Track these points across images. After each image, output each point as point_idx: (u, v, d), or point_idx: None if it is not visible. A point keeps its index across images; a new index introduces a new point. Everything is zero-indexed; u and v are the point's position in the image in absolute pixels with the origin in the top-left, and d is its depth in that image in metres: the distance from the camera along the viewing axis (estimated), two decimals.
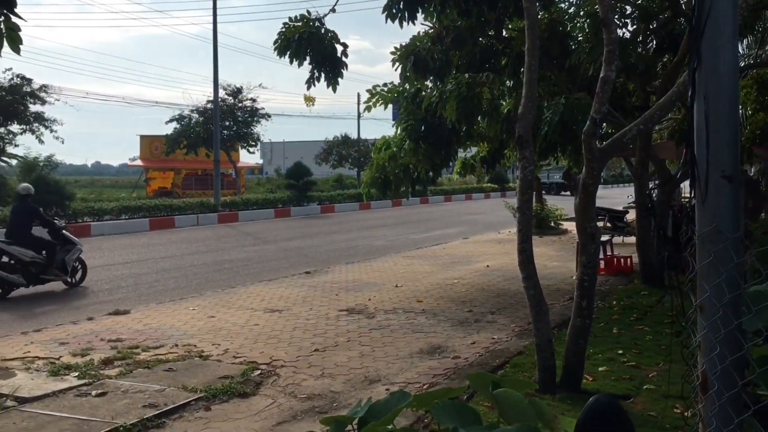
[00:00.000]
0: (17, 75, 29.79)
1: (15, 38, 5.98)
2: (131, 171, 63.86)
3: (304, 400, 5.65)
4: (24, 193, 11.80)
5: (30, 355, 6.97)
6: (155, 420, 5.08)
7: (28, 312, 9.84)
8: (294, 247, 18.16)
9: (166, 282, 12.55)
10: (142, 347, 7.26)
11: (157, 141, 43.90)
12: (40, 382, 5.97)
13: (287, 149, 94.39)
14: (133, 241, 19.78)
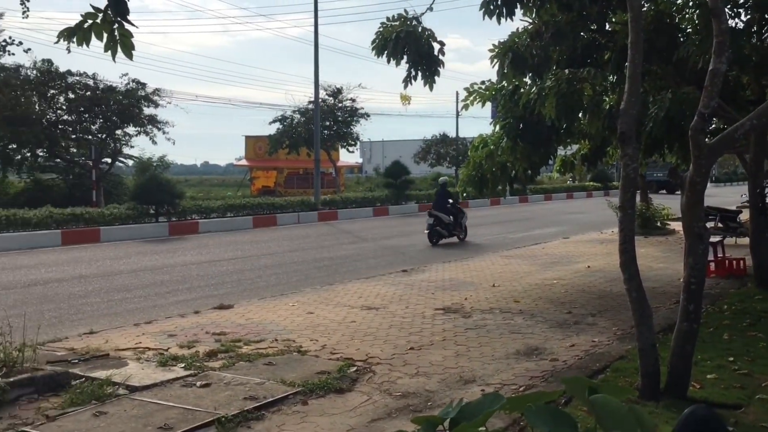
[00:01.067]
0: (133, 80, 31.45)
1: (128, 44, 6.29)
2: (237, 170, 66.08)
3: (398, 398, 5.68)
4: (442, 182, 19.86)
5: (141, 345, 7.33)
6: (255, 412, 5.23)
7: (141, 305, 10.37)
8: (391, 246, 18.28)
9: (268, 278, 12.91)
10: (244, 341, 7.50)
11: (261, 141, 45.23)
12: (149, 372, 6.27)
13: (386, 148, 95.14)
14: (238, 238, 20.48)
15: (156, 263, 14.99)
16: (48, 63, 30.40)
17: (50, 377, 5.78)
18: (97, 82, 30.96)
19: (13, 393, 5.45)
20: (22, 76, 30.54)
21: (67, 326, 8.81)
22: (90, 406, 5.35)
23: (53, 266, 14.39)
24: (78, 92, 30.79)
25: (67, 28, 5.97)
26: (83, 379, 5.97)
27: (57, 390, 5.70)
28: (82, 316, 9.62)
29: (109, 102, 30.48)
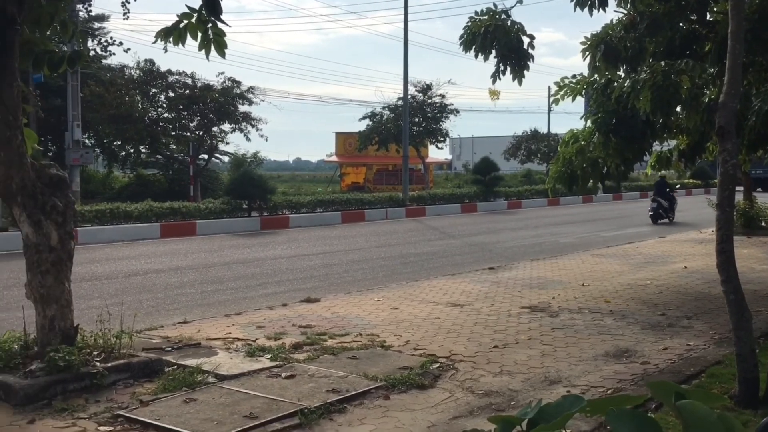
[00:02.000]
0: (228, 78, 32.43)
1: (221, 43, 6.47)
2: (327, 166, 67.08)
3: (481, 396, 5.61)
4: (661, 175, 22.24)
5: (231, 336, 7.55)
6: (337, 405, 5.29)
7: (232, 297, 10.69)
8: (479, 243, 18.12)
9: (355, 273, 13.05)
10: (329, 334, 7.60)
11: (351, 138, 45.73)
12: (237, 362, 6.45)
13: (476, 144, 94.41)
14: (326, 233, 20.80)
15: (247, 256, 15.41)
16: (150, 63, 31.74)
17: (145, 364, 6.03)
18: (195, 80, 32.10)
19: (111, 378, 5.72)
20: (126, 76, 32.03)
21: (163, 315, 9.18)
22: (181, 392, 5.55)
23: (152, 257, 15.03)
24: (177, 91, 32.02)
25: (164, 29, 6.22)
26: (175, 367, 6.20)
27: (151, 376, 5.94)
28: (177, 306, 10.00)
29: (206, 100, 31.54)
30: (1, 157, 5.83)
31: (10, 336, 6.08)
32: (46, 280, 5.91)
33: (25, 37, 6.11)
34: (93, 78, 29.49)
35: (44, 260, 5.92)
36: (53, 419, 5.01)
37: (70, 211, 6.18)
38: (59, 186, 6.15)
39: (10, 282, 11.58)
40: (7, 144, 5.78)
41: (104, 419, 5.02)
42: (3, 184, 5.86)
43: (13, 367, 5.68)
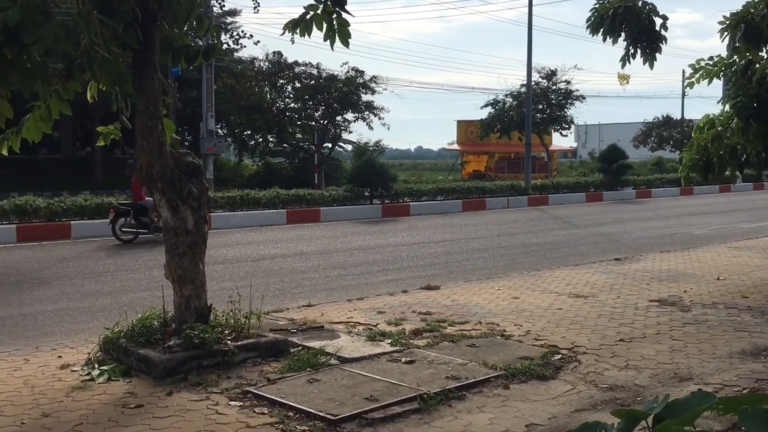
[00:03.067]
0: (352, 68, 33.04)
1: (345, 33, 6.60)
2: (448, 155, 66.96)
3: (605, 390, 5.45)
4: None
5: (353, 320, 7.73)
6: (456, 392, 5.30)
7: (354, 282, 10.93)
8: (604, 233, 17.52)
9: (475, 261, 12.99)
10: (449, 322, 7.61)
11: (473, 126, 45.41)
12: (358, 345, 6.60)
13: (602, 131, 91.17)
14: (447, 221, 20.79)
15: (369, 243, 15.68)
16: (278, 55, 32.85)
17: (272, 344, 6.29)
18: (320, 71, 32.93)
19: (240, 356, 6.01)
20: (256, 68, 33.30)
21: (289, 298, 9.52)
22: (305, 372, 5.74)
23: (279, 243, 15.61)
24: (303, 81, 32.97)
25: (291, 20, 6.41)
26: (300, 348, 6.43)
27: (277, 356, 6.19)
28: (301, 289, 10.35)
29: (331, 90, 32.29)
30: (144, 146, 6.23)
31: (151, 313, 6.51)
32: (183, 262, 6.28)
33: (165, 33, 6.48)
34: (225, 70, 30.88)
35: (181, 243, 6.28)
36: (189, 392, 5.33)
37: (204, 197, 6.52)
38: (195, 173, 6.50)
39: (150, 263, 12.38)
40: (149, 133, 6.17)
41: (234, 395, 5.28)
42: (145, 171, 6.26)
43: (154, 342, 6.08)
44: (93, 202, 17.26)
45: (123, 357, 6.01)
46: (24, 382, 5.61)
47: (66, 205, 16.71)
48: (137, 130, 6.25)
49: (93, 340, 6.66)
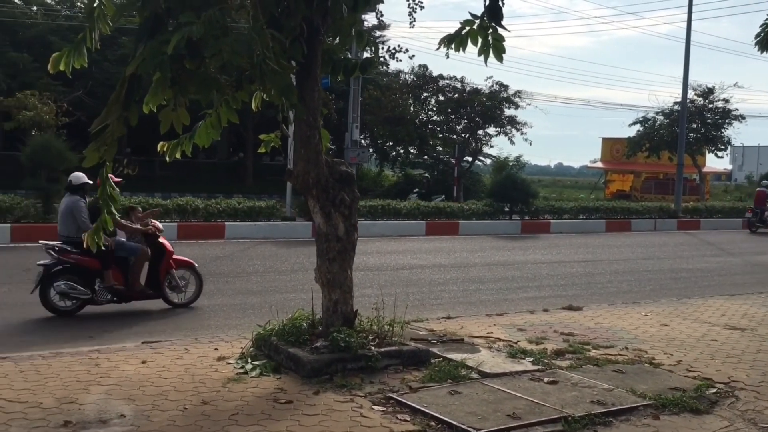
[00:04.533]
0: (496, 82, 32.90)
1: (500, 48, 6.61)
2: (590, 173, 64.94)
3: (765, 431, 5.09)
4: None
5: (492, 335, 7.68)
6: (602, 417, 5.14)
7: (493, 297, 10.86)
8: (764, 263, 16.33)
9: (619, 284, 12.52)
10: (593, 345, 7.39)
11: (619, 143, 43.83)
12: (499, 361, 6.55)
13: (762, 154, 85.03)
14: (589, 240, 20.17)
15: (508, 259, 15.51)
16: (423, 68, 33.26)
17: (414, 353, 6.38)
18: (464, 84, 33.04)
19: (383, 362, 6.14)
20: (401, 81, 33.90)
21: (428, 309, 9.61)
22: (446, 384, 5.78)
23: (417, 253, 15.78)
24: (447, 94, 33.19)
25: (447, 36, 6.51)
26: (441, 359, 6.47)
27: (418, 365, 6.27)
28: (440, 301, 10.41)
29: (474, 103, 32.30)
30: (302, 154, 6.53)
31: (300, 314, 6.79)
32: (333, 267, 6.51)
33: (325, 46, 6.78)
34: (372, 83, 31.64)
35: (332, 248, 6.52)
36: (334, 393, 5.51)
37: (355, 205, 6.74)
38: (347, 182, 6.73)
39: (296, 266, 12.91)
40: (307, 142, 6.46)
41: (377, 399, 5.41)
42: (301, 178, 6.56)
43: (302, 342, 6.34)
44: (245, 205, 18.24)
45: (273, 354, 6.32)
46: (185, 370, 6.03)
47: (221, 207, 17.78)
48: (296, 139, 6.56)
49: (245, 336, 7.04)
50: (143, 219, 9.43)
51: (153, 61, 5.43)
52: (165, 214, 17.08)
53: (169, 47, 5.16)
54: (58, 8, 31.25)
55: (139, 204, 16.39)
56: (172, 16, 5.72)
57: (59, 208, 9.27)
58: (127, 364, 6.14)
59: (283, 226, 18.24)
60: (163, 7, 5.70)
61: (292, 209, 19.98)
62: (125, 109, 5.89)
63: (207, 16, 5.20)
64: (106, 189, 6.28)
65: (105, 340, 7.39)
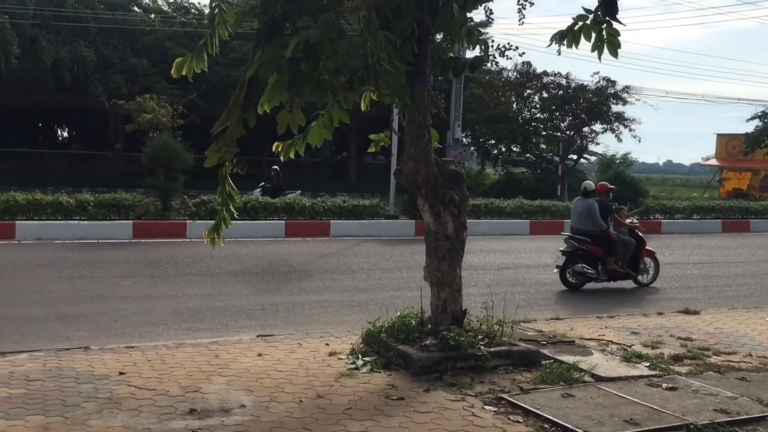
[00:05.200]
0: (603, 78, 31.94)
1: (614, 43, 6.43)
2: (703, 170, 62.11)
3: None
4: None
5: (604, 338, 7.48)
6: (727, 427, 4.91)
7: (601, 299, 10.58)
8: None
9: (739, 288, 11.92)
10: (713, 350, 7.07)
11: (735, 140, 41.64)
12: (613, 365, 6.38)
13: None
14: (704, 242, 19.28)
15: None
16: (527, 65, 32.72)
17: (524, 353, 6.31)
18: (569, 81, 32.26)
19: (493, 362, 6.11)
20: (504, 78, 33.49)
21: (535, 310, 9.45)
22: (558, 386, 5.68)
23: (522, 253, 15.56)
24: (551, 91, 32.53)
25: (559, 32, 6.39)
26: (552, 361, 6.37)
27: (529, 366, 6.19)
28: (547, 302, 10.24)
29: (579, 100, 31.49)
30: (411, 154, 6.58)
31: (409, 312, 6.86)
32: (442, 266, 6.52)
33: (435, 46, 6.80)
34: (474, 80, 31.41)
35: (441, 247, 6.54)
36: (444, 391, 5.53)
37: (464, 205, 6.73)
38: (457, 181, 6.73)
39: (400, 264, 13.01)
40: (417, 141, 6.51)
41: (488, 399, 5.38)
42: (411, 177, 6.61)
43: (411, 340, 6.40)
44: (350, 203, 18.55)
45: (383, 351, 6.40)
46: (299, 364, 6.21)
47: (327, 206, 18.16)
48: (407, 138, 6.61)
49: (355, 332, 7.17)
50: (628, 217, 12.17)
51: (271, 64, 5.63)
52: (273, 212, 17.65)
53: (287, 51, 5.33)
54: (174, 15, 32.76)
55: (248, 203, 17.01)
56: (289, 21, 5.91)
57: (574, 208, 11.99)
58: (244, 357, 6.39)
59: (386, 225, 18.42)
60: (280, 12, 5.90)
61: (396, 208, 20.14)
62: (244, 111, 6.14)
63: (323, 19, 5.33)
64: (226, 188, 6.57)
65: (222, 333, 7.71)
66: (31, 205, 15.55)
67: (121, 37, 29.76)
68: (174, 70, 6.27)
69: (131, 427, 4.62)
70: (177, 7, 33.37)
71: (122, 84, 28.32)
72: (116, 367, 5.94)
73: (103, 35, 29.20)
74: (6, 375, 5.64)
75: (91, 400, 5.12)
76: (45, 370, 5.83)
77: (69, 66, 27.70)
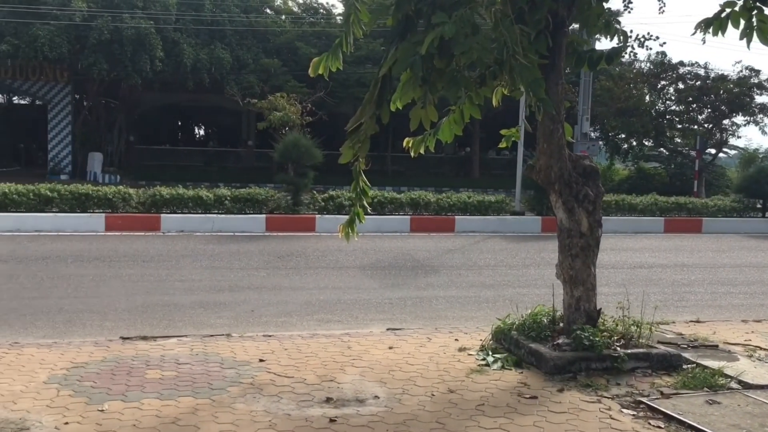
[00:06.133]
0: (746, 67, 30.01)
1: (765, 30, 6.04)
2: None
3: None
4: None
5: (751, 343, 7.04)
6: None
7: (746, 302, 9.96)
8: None
9: None
10: None
11: None
12: (763, 372, 6.00)
13: None
14: None
15: (762, 261, 14.13)
16: (662, 55, 31.26)
17: (663, 356, 6.05)
18: (708, 71, 30.56)
19: (629, 364, 5.90)
20: (635, 70, 32.16)
21: (672, 311, 9.03)
22: (702, 392, 5.41)
23: (656, 252, 14.90)
24: (688, 82, 30.94)
25: (704, 20, 6.07)
26: (694, 365, 6.07)
27: (669, 370, 5.94)
28: (685, 303, 9.75)
29: (719, 91, 29.77)
30: (544, 148, 6.46)
31: (540, 310, 6.75)
32: (575, 263, 6.37)
33: (570, 38, 6.63)
34: (604, 73, 30.39)
35: (574, 244, 6.38)
36: (578, 392, 5.40)
37: (599, 201, 6.53)
38: (591, 176, 6.55)
39: (527, 261, 12.81)
40: (550, 136, 6.38)
41: (626, 402, 5.21)
42: (544, 173, 6.49)
43: (543, 338, 6.29)
44: (475, 199, 18.46)
45: (514, 348, 6.33)
46: (429, 358, 6.26)
47: (452, 201, 18.17)
48: (539, 133, 6.50)
49: (483, 328, 7.15)
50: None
51: (405, 61, 5.69)
52: (399, 207, 17.86)
53: (422, 48, 5.38)
54: (304, 16, 33.80)
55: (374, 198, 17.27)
56: (422, 17, 5.95)
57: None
58: (376, 349, 6.51)
59: (512, 221, 18.18)
60: (414, 10, 5.95)
61: (521, 204, 19.84)
62: (377, 108, 6.24)
63: (458, 15, 5.33)
64: (359, 183, 6.72)
65: (353, 325, 7.90)
66: (174, 199, 16.57)
67: (254, 38, 31.06)
68: (311, 69, 6.46)
69: (273, 412, 4.84)
70: (306, 7, 34.39)
71: (255, 83, 29.56)
72: (256, 354, 6.23)
73: (237, 37, 30.58)
74: (158, 358, 6.05)
75: (235, 384, 5.40)
76: (192, 354, 6.20)
77: (207, 67, 29.23)
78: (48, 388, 5.20)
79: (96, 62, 26.85)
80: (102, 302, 8.70)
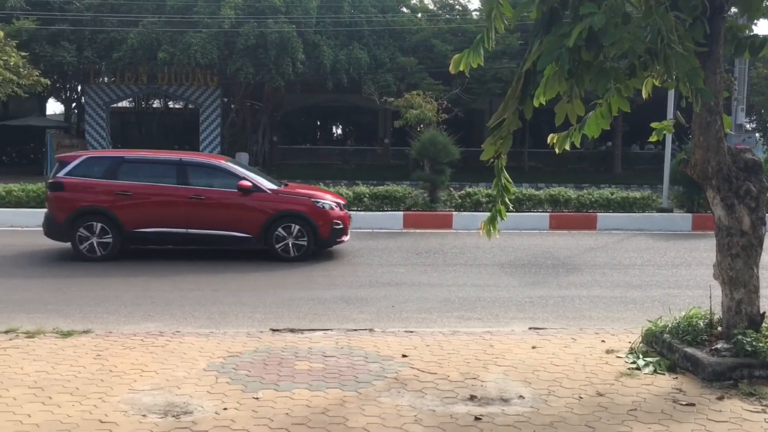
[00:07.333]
0: None
1: None
2: None
3: None
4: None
5: None
6: None
7: None
8: None
9: None
10: None
11: None
12: None
13: None
14: None
15: None
16: None
17: None
18: None
19: None
20: None
21: None
22: None
23: None
24: None
25: None
26: None
27: None
28: None
29: None
30: (700, 141, 6.09)
31: (696, 312, 6.38)
32: (736, 264, 5.96)
33: (729, 23, 6.21)
34: (761, 60, 28.24)
35: (734, 244, 5.98)
36: (741, 401, 5.06)
37: (763, 197, 6.08)
38: (754, 171, 6.11)
39: (676, 261, 12.15)
40: (707, 128, 6.01)
41: None
42: (700, 168, 6.12)
43: (699, 342, 5.94)
44: (618, 195, 17.72)
45: (666, 352, 6.03)
46: (575, 359, 6.09)
47: (594, 198, 17.55)
48: (695, 125, 6.14)
49: (632, 330, 6.87)
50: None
51: (550, 54, 5.55)
52: (538, 203, 17.49)
53: (570, 40, 5.22)
54: (439, 13, 33.85)
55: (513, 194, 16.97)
56: (568, 9, 5.78)
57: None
58: (518, 348, 6.42)
59: (659, 218, 17.29)
60: (559, 1, 5.79)
61: (669, 200, 18.84)
62: (520, 103, 6.14)
63: (608, 4, 5.14)
64: (501, 180, 6.64)
65: (493, 324, 7.82)
66: None
67: (390, 37, 31.46)
68: (452, 66, 6.45)
69: (418, 408, 4.88)
70: (442, 4, 34.40)
71: (391, 82, 29.94)
72: (399, 349, 6.32)
73: (374, 37, 31.11)
74: (306, 350, 6.28)
75: (379, 378, 5.51)
76: (337, 347, 6.38)
77: (345, 68, 29.95)
78: (207, 375, 5.53)
79: (243, 66, 28.23)
80: (251, 296, 9.14)
